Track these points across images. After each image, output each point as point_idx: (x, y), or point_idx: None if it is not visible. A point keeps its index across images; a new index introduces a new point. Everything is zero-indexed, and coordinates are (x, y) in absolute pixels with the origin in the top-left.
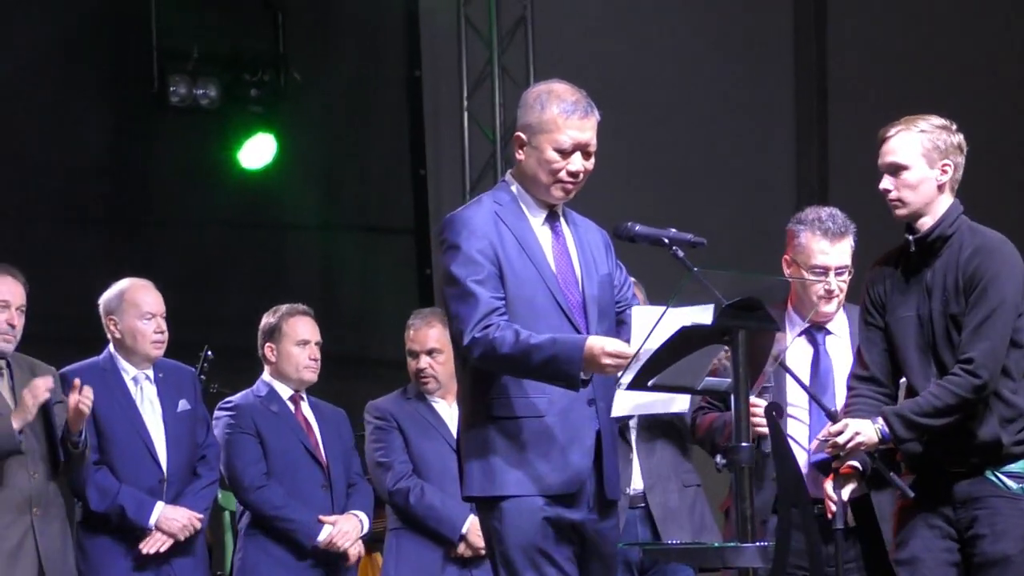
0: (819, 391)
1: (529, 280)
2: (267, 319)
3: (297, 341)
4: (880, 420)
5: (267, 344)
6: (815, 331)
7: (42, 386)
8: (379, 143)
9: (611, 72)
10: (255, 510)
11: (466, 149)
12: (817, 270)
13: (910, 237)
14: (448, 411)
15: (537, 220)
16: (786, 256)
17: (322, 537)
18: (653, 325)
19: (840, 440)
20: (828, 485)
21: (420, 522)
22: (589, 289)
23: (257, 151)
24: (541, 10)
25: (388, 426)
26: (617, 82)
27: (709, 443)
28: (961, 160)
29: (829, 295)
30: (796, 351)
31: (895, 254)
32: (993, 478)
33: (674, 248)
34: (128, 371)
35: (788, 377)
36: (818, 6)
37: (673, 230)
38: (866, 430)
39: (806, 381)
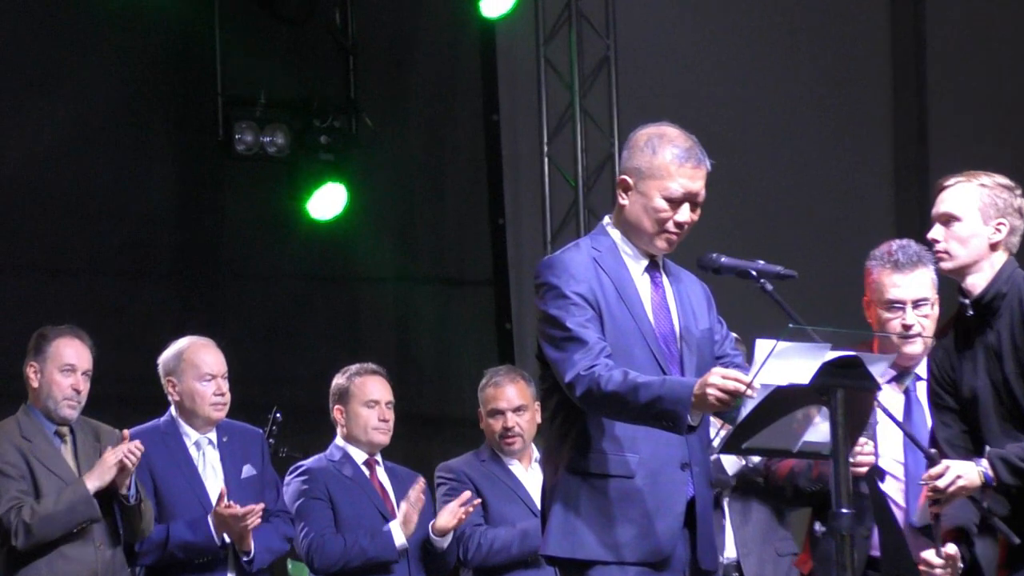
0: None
1: (627, 331)
2: (338, 380)
3: (366, 401)
4: (984, 462)
5: (336, 406)
6: (903, 376)
7: (125, 448)
8: (455, 191)
9: (699, 115)
10: (327, 566)
11: (547, 196)
12: (895, 305)
13: (965, 301)
14: (525, 473)
15: (637, 269)
16: (866, 297)
17: (398, 537)
18: (764, 359)
19: (941, 483)
20: (930, 554)
21: (500, 555)
22: (687, 343)
23: (327, 201)
24: (624, 50)
25: (462, 487)
26: (705, 125)
27: (790, 487)
28: (1020, 224)
29: (907, 330)
30: (886, 399)
31: (951, 322)
32: None
33: (762, 281)
34: (190, 435)
35: (880, 430)
36: (917, 48)
37: (761, 262)
38: (968, 473)
39: (898, 432)
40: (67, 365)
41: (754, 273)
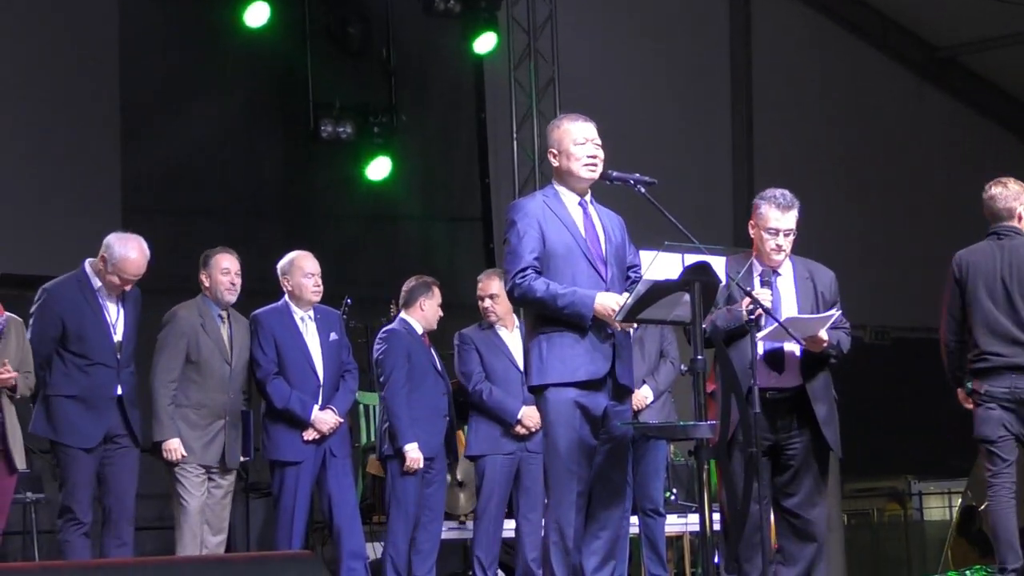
0: (774, 313)
1: (565, 242)
2: (411, 284)
3: (439, 304)
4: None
5: (421, 298)
6: (769, 274)
7: None
8: (458, 162)
9: (615, 118)
10: (390, 406)
11: (515, 165)
12: (771, 231)
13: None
14: (509, 336)
15: (572, 204)
16: (751, 222)
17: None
18: (648, 264)
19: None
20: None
21: (489, 411)
22: (607, 247)
23: (379, 169)
24: (565, 73)
25: (468, 348)
26: (618, 124)
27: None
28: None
29: (779, 249)
30: (758, 288)
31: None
32: None
33: (638, 187)
34: (297, 313)
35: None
36: (747, 93)
37: (637, 174)
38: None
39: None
40: (224, 269)
41: (631, 182)
